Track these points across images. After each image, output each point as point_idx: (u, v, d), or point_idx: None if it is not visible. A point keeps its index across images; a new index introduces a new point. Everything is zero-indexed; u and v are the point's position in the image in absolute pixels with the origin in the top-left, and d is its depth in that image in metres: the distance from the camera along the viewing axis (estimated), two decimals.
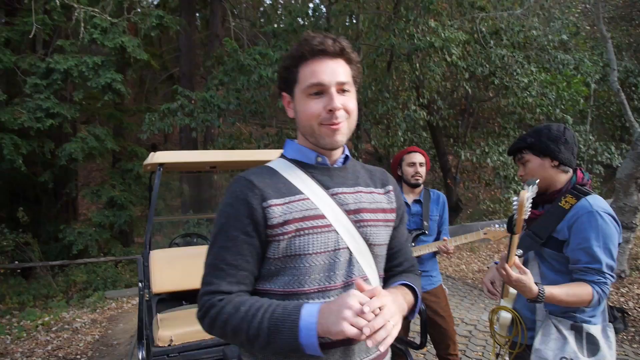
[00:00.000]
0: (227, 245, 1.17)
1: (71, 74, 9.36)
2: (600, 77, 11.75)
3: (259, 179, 1.21)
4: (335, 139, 1.22)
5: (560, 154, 1.91)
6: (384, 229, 1.33)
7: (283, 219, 1.17)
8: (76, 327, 5.85)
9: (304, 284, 1.17)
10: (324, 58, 1.21)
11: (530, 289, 1.68)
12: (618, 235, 1.83)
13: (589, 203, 1.82)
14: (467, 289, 6.80)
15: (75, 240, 9.77)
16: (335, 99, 1.19)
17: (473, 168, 13.15)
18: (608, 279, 1.77)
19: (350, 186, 1.29)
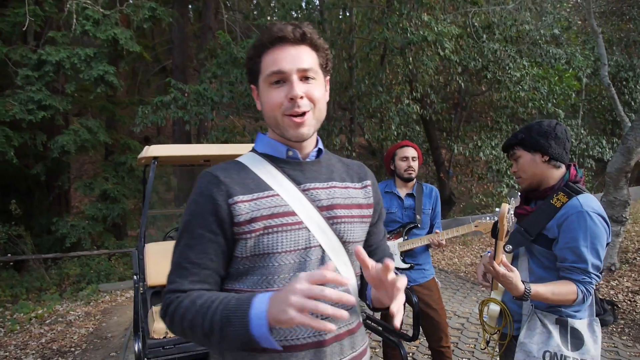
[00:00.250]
0: (191, 244, 1.13)
1: (63, 66, 9.28)
2: (592, 72, 11.83)
3: (226, 175, 1.17)
4: (300, 131, 1.16)
5: (550, 148, 1.92)
6: (360, 226, 1.28)
7: (250, 216, 1.12)
8: (70, 320, 5.86)
9: (272, 283, 1.13)
10: (285, 45, 1.16)
11: (516, 286, 1.71)
12: (607, 235, 1.85)
13: (579, 202, 1.84)
14: (460, 282, 6.88)
15: (68, 233, 9.74)
16: (296, 86, 1.13)
17: (466, 162, 13.23)
18: (593, 279, 1.80)
19: (324, 181, 1.24)
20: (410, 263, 3.17)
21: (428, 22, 8.65)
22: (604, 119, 14.99)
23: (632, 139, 5.59)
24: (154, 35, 18.82)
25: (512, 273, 1.71)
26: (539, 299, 1.77)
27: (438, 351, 3.20)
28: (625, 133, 5.76)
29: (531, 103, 10.52)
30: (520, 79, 10.09)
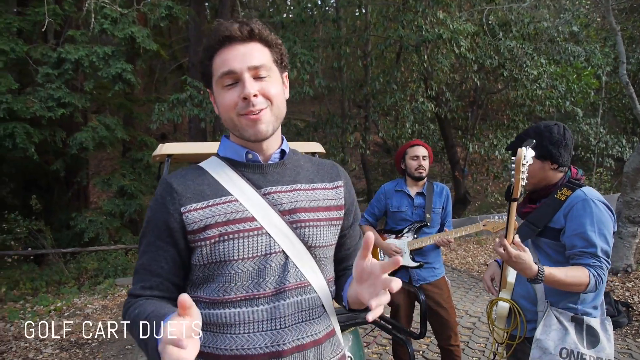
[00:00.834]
0: (145, 250, 1.14)
1: (82, 64, 9.44)
2: (612, 69, 11.62)
3: (180, 182, 1.14)
4: (257, 128, 1.11)
5: (561, 158, 1.97)
6: (328, 229, 1.22)
7: (204, 224, 1.09)
8: (87, 312, 5.99)
9: (229, 291, 1.10)
10: (233, 44, 1.12)
11: (530, 266, 1.71)
12: (612, 223, 1.87)
13: (583, 192, 1.89)
14: (473, 281, 6.85)
15: (86, 228, 9.92)
16: (248, 84, 1.09)
17: (481, 160, 13.13)
18: (603, 263, 1.80)
19: (287, 184, 1.19)
20: (420, 261, 3.19)
21: (443, 19, 8.61)
22: (624, 118, 14.73)
23: None
24: (171, 33, 19.03)
25: (524, 253, 1.71)
26: (552, 282, 1.75)
27: (447, 350, 3.21)
28: None
29: (548, 101, 10.41)
30: (538, 77, 9.99)
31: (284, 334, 1.11)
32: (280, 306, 1.11)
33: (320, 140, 11.07)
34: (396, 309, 3.26)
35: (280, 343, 1.10)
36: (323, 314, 1.19)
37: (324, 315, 1.19)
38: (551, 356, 1.85)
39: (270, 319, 1.11)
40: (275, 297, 1.11)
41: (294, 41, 9.56)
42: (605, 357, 1.84)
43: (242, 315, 1.10)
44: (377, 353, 4.22)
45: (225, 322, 1.11)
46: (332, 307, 1.23)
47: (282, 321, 1.11)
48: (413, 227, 3.23)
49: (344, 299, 1.23)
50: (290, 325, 1.12)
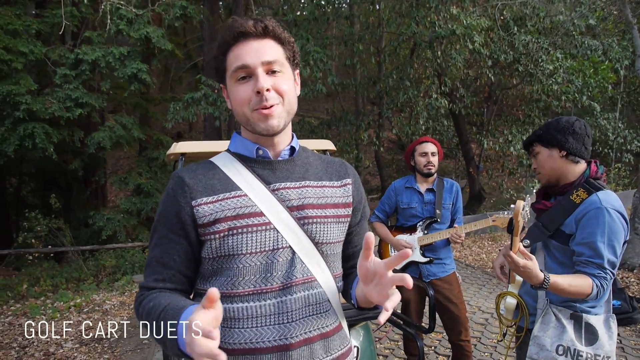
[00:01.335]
0: (158, 243, 1.16)
1: (99, 65, 9.62)
2: (630, 63, 11.42)
3: (192, 176, 1.16)
4: (270, 123, 1.13)
5: (567, 143, 1.93)
6: (336, 226, 1.23)
7: (214, 218, 1.11)
8: (106, 309, 6.12)
9: (237, 285, 1.12)
10: (248, 40, 1.14)
11: (536, 275, 1.71)
12: (625, 233, 1.84)
13: (599, 199, 1.84)
14: (486, 277, 6.82)
15: (104, 226, 10.11)
16: (262, 79, 1.11)
17: (496, 156, 13.03)
18: (608, 274, 1.80)
19: (296, 180, 1.21)
20: (430, 257, 3.20)
21: (457, 15, 8.56)
22: None
23: None
24: (185, 32, 19.21)
25: (531, 262, 1.72)
26: (556, 289, 1.76)
27: (458, 345, 3.22)
28: None
29: (565, 96, 10.27)
30: (554, 71, 9.88)
31: (292, 328, 1.13)
32: (288, 301, 1.13)
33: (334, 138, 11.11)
34: (406, 305, 3.29)
35: (288, 336, 1.12)
36: (330, 309, 1.20)
37: (330, 310, 1.21)
38: (548, 352, 1.87)
39: (278, 313, 1.13)
40: (282, 291, 1.13)
41: (307, 39, 9.59)
42: (603, 354, 1.84)
43: (250, 310, 1.12)
44: (390, 348, 4.25)
45: (233, 316, 1.13)
46: (339, 303, 1.24)
47: (289, 315, 1.13)
48: (423, 223, 3.24)
49: (353, 297, 1.25)
50: (297, 319, 1.14)
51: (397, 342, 4.37)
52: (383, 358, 4.06)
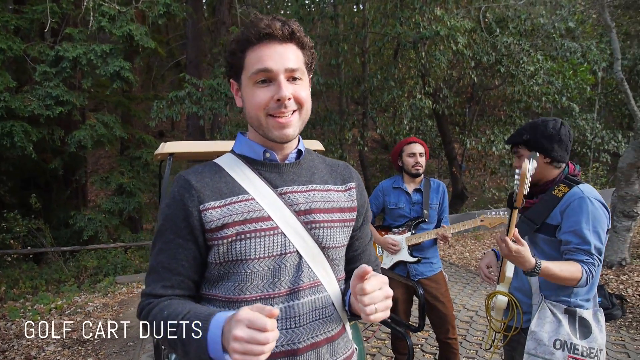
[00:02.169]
0: (164, 248, 1.12)
1: (80, 62, 9.44)
2: (608, 65, 11.69)
3: (198, 179, 1.13)
4: (285, 132, 1.12)
5: (553, 152, 2.00)
6: (341, 230, 1.22)
7: (222, 222, 1.09)
8: (88, 310, 6.03)
9: (245, 291, 1.10)
10: (272, 42, 1.10)
11: (528, 260, 1.76)
12: (607, 221, 1.93)
13: (580, 190, 1.94)
14: (470, 276, 6.91)
15: (85, 226, 9.95)
16: (284, 87, 1.09)
17: (479, 156, 13.19)
18: (596, 260, 1.87)
19: (303, 184, 1.19)
20: (418, 257, 3.24)
21: (441, 16, 8.63)
22: (620, 113, 14.82)
23: None
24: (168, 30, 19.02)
25: (523, 247, 1.76)
26: (547, 274, 1.81)
27: (445, 342, 3.27)
28: (637, 128, 5.74)
29: (545, 97, 10.46)
30: (534, 72, 10.04)
31: (299, 333, 1.12)
32: (295, 305, 1.12)
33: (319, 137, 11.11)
34: (394, 304, 3.31)
35: (296, 341, 1.12)
36: (334, 313, 1.20)
37: (335, 314, 1.20)
38: (545, 347, 1.92)
39: (286, 318, 1.12)
40: (289, 296, 1.12)
41: None
42: (596, 347, 1.90)
43: None
44: (377, 347, 4.28)
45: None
46: (342, 306, 1.24)
47: (297, 320, 1.12)
48: (411, 223, 3.28)
49: (347, 304, 1.24)
50: (305, 324, 1.13)
51: (384, 340, 4.40)
52: (371, 357, 4.09)
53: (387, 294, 1.05)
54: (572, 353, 1.90)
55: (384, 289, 1.05)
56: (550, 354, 1.91)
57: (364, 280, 1.02)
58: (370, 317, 1.01)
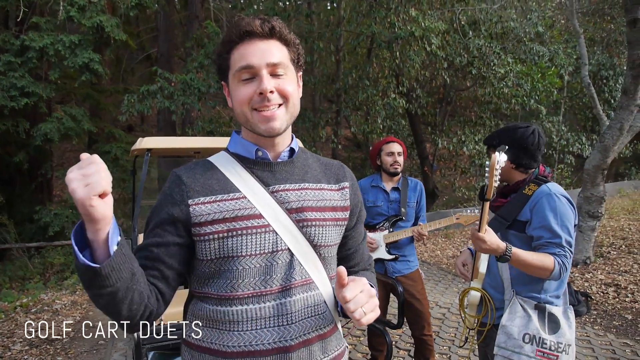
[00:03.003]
0: (149, 235, 1.15)
1: (47, 52, 9.14)
2: (574, 69, 12.09)
3: (189, 175, 1.15)
4: (271, 125, 1.13)
5: (517, 159, 2.10)
6: (334, 229, 1.23)
7: (211, 218, 1.10)
8: (56, 308, 5.86)
9: (237, 288, 1.11)
10: (253, 40, 1.13)
11: (497, 245, 1.83)
12: (574, 216, 2.01)
13: (548, 188, 2.03)
14: (442, 273, 7.05)
15: (51, 221, 9.66)
16: (265, 80, 1.10)
17: (450, 156, 13.43)
18: (567, 253, 1.94)
19: (295, 182, 1.20)
20: (395, 254, 3.29)
21: (415, 17, 8.74)
22: (584, 116, 15.34)
23: (609, 137, 5.79)
24: (139, 22, 18.59)
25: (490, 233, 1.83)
26: (518, 260, 1.87)
27: (421, 339, 3.33)
28: (603, 132, 5.96)
29: (514, 99, 10.73)
30: (505, 75, 10.28)
31: (291, 330, 1.13)
32: (287, 303, 1.14)
33: None
34: None
35: (288, 339, 1.13)
36: (326, 311, 1.21)
37: (327, 312, 1.21)
38: (515, 341, 1.99)
39: (278, 316, 1.13)
40: (281, 294, 1.14)
41: None
42: (565, 342, 1.98)
43: (250, 313, 1.12)
44: (352, 344, 4.32)
45: (232, 319, 1.12)
46: (334, 304, 1.24)
47: (289, 317, 1.13)
48: (389, 221, 3.32)
49: (338, 304, 1.24)
50: (297, 321, 1.14)
51: (359, 337, 4.45)
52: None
53: (371, 294, 1.06)
54: (540, 347, 1.98)
55: (365, 289, 1.05)
56: (520, 348, 1.98)
57: (343, 288, 1.02)
58: (362, 321, 1.02)
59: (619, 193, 13.02)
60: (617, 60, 12.70)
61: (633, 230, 7.58)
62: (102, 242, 0.93)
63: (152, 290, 1.10)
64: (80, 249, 0.92)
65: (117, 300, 0.98)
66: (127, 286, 0.98)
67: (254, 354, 1.11)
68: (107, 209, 0.90)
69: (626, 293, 5.30)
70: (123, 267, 0.96)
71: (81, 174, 0.87)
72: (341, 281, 1.03)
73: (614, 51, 12.91)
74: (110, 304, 0.99)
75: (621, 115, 5.70)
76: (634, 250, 6.57)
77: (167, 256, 1.12)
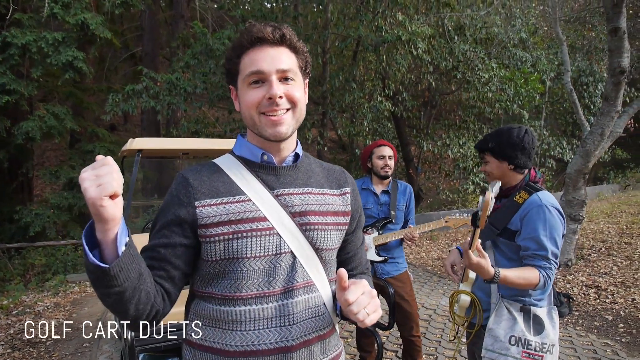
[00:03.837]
0: (156, 235, 1.16)
1: (29, 50, 8.98)
2: (555, 75, 12.32)
3: (196, 177, 1.18)
4: (278, 130, 1.15)
5: (516, 159, 2.14)
6: (335, 233, 1.26)
7: (217, 220, 1.12)
8: (39, 310, 5.76)
9: (241, 288, 1.14)
10: (264, 46, 1.15)
11: (487, 271, 1.88)
12: (563, 227, 2.07)
13: (539, 198, 2.06)
14: (427, 275, 7.12)
15: (32, 221, 9.47)
16: (275, 86, 1.13)
17: (434, 159, 13.56)
18: (553, 265, 2.00)
19: (299, 187, 1.23)
20: (385, 256, 3.32)
21: (402, 21, 8.81)
22: (564, 121, 15.62)
23: (591, 142, 5.92)
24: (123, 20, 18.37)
25: (484, 260, 1.88)
26: (506, 282, 1.93)
27: (409, 340, 3.37)
28: (585, 137, 6.09)
29: (498, 104, 10.89)
30: (489, 80, 10.42)
31: (293, 330, 1.16)
32: (289, 304, 1.16)
33: None
34: None
35: (289, 339, 1.15)
36: (326, 312, 1.23)
37: (326, 314, 1.24)
38: (501, 343, 2.05)
39: (280, 316, 1.15)
40: (284, 295, 1.16)
41: None
42: (549, 342, 2.04)
43: (253, 313, 1.14)
44: None
45: (235, 319, 1.14)
46: (333, 306, 1.27)
47: (290, 318, 1.16)
48: (378, 223, 3.36)
49: (337, 307, 1.26)
50: (298, 322, 1.17)
51: (347, 339, 4.47)
52: None
53: (372, 294, 1.08)
54: (525, 348, 2.04)
55: (367, 290, 1.07)
56: (506, 350, 2.04)
57: (345, 291, 1.05)
58: (366, 322, 1.04)
59: (598, 197, 13.31)
60: (597, 67, 12.98)
61: (612, 233, 7.76)
62: (111, 242, 0.95)
63: (158, 290, 1.11)
64: (90, 249, 0.94)
65: (124, 300, 1.00)
66: (135, 286, 1.00)
67: (256, 354, 1.13)
68: (117, 209, 0.92)
69: (606, 294, 5.43)
70: (131, 267, 0.98)
71: (94, 175, 0.90)
72: (342, 284, 1.05)
73: (594, 58, 13.19)
74: (117, 303, 1.00)
75: (602, 121, 5.84)
76: (614, 253, 6.73)
77: (174, 257, 1.14)
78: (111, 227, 0.93)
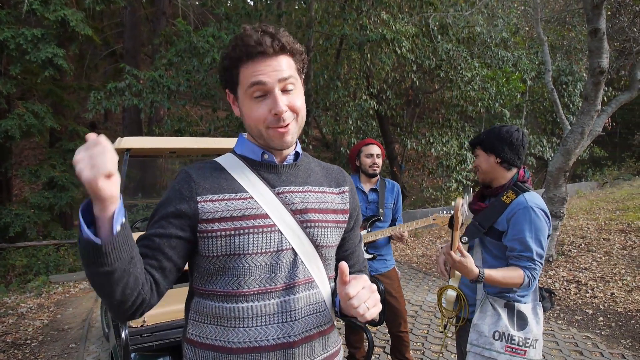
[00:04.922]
0: (153, 226, 1.17)
1: (7, 46, 8.80)
2: (536, 75, 12.53)
3: (199, 173, 1.20)
4: (285, 140, 1.18)
5: (503, 153, 2.19)
6: (334, 230, 1.29)
7: (219, 215, 1.14)
8: (22, 312, 5.67)
9: (243, 285, 1.15)
10: (264, 57, 1.15)
11: (471, 270, 1.95)
12: (548, 228, 2.12)
13: (525, 199, 2.11)
14: (413, 272, 7.20)
15: (11, 222, 9.28)
16: (280, 101, 1.14)
17: (417, 157, 13.68)
18: (537, 265, 2.07)
19: (299, 185, 1.26)
20: (373, 254, 3.37)
21: (387, 20, 8.87)
22: (544, 120, 15.91)
23: (572, 141, 6.06)
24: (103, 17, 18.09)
25: (465, 259, 1.94)
26: (491, 282, 2.00)
27: (397, 336, 3.42)
28: (565, 135, 6.23)
29: (480, 103, 11.04)
30: (471, 79, 10.56)
31: (294, 326, 1.18)
32: (291, 300, 1.18)
33: None
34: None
35: (291, 334, 1.17)
36: (326, 309, 1.27)
37: (326, 310, 1.27)
38: (486, 338, 2.11)
39: (282, 312, 1.17)
40: (285, 291, 1.18)
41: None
42: (532, 337, 2.11)
43: (255, 309, 1.16)
44: None
45: (238, 316, 1.16)
46: (331, 303, 1.29)
47: (292, 314, 1.18)
48: (367, 221, 3.40)
49: (336, 305, 1.29)
50: (300, 318, 1.19)
51: None
52: None
53: (372, 289, 1.10)
54: (509, 343, 2.10)
55: (367, 285, 1.09)
56: (490, 344, 2.10)
57: (346, 286, 1.06)
58: (366, 316, 1.06)
59: (577, 194, 13.60)
60: (577, 67, 13.25)
61: (591, 230, 7.95)
62: (107, 220, 0.95)
63: (147, 279, 1.11)
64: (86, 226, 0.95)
65: (112, 281, 1.00)
66: (124, 268, 1.00)
67: (259, 350, 1.15)
68: (114, 188, 0.93)
69: (586, 289, 5.58)
70: (123, 248, 0.98)
71: (88, 155, 0.89)
72: (344, 278, 1.06)
73: (573, 58, 13.46)
74: (105, 284, 1.00)
75: (582, 120, 5.98)
76: (593, 249, 6.90)
77: (168, 247, 1.14)
78: (108, 205, 0.94)
